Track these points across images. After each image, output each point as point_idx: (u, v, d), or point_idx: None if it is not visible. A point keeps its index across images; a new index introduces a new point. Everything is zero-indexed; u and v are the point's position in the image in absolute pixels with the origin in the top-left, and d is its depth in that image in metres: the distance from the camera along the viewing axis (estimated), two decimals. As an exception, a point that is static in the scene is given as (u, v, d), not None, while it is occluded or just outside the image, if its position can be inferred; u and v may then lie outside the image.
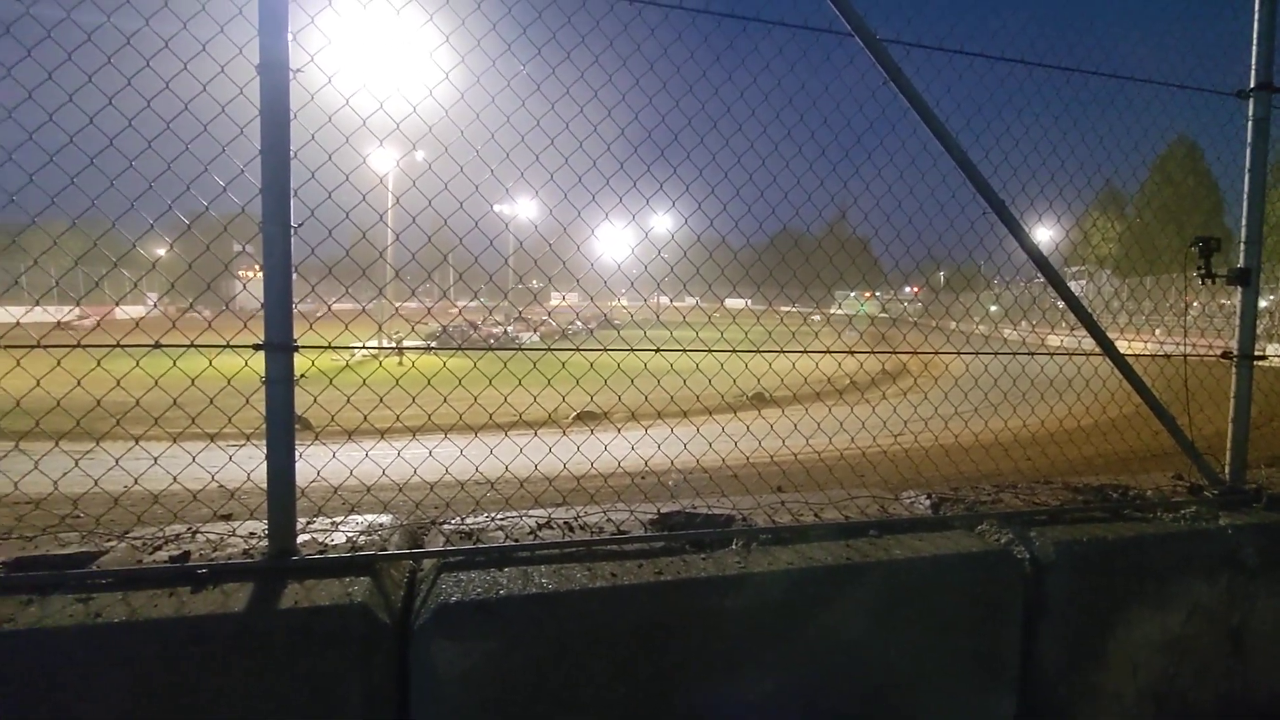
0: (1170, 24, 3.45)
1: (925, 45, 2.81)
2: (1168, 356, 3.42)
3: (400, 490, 2.28)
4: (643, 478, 3.51)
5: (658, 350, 2.94)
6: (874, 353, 3.87)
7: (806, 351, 3.24)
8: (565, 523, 2.35)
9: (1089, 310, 2.95)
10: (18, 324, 2.41)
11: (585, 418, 8.72)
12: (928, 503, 2.87)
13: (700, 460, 4.02)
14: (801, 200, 3.37)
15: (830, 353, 3.37)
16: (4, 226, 2.61)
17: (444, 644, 1.95)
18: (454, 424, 2.66)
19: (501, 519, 2.33)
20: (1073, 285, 3.32)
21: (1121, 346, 2.99)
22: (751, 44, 3.04)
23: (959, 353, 3.45)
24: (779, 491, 3.00)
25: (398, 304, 3.56)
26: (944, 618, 2.44)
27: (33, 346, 1.84)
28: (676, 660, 2.16)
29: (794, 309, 4.30)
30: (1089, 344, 2.99)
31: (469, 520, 2.32)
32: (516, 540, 2.23)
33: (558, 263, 4.14)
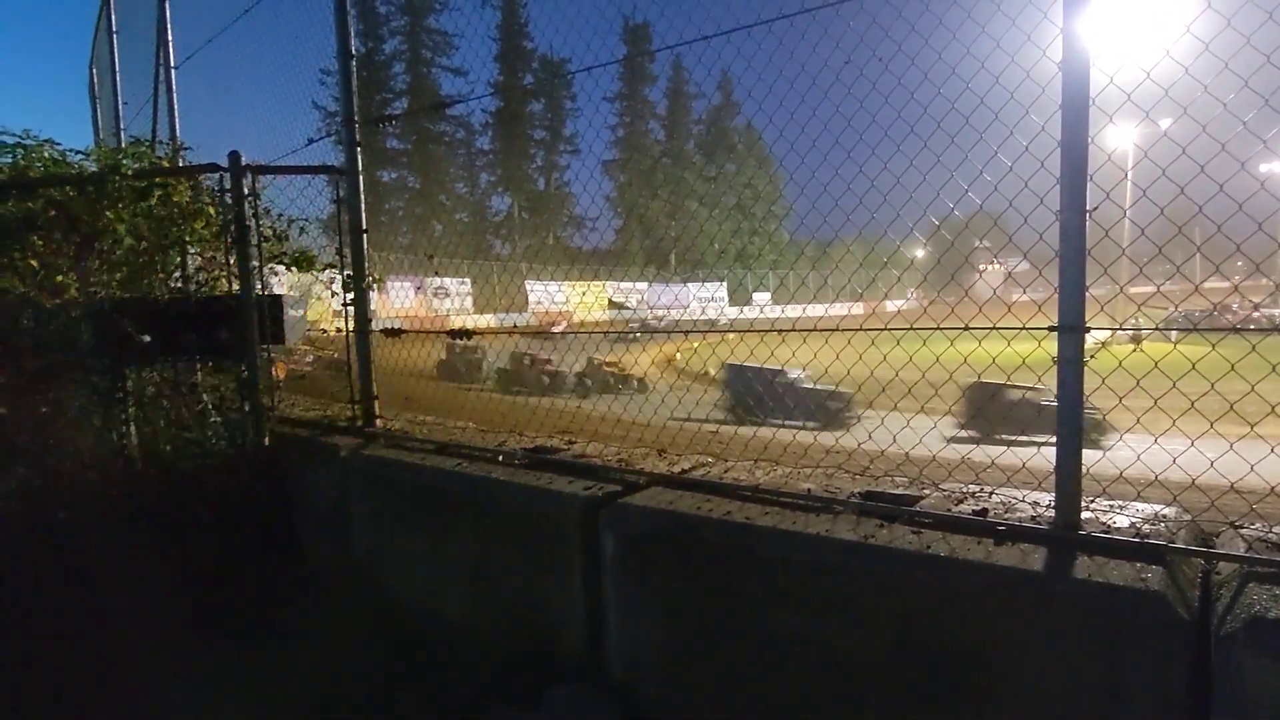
0: None
1: None
2: None
3: (1193, 484, 2.14)
4: None
5: None
6: None
7: None
8: None
9: None
10: (825, 314, 3.19)
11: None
12: None
13: None
14: None
15: None
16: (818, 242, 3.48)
17: (1258, 660, 1.78)
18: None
19: (1329, 537, 1.97)
20: None
21: None
22: None
23: None
24: None
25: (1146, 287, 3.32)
26: None
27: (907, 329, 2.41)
28: None
29: None
30: None
31: (1277, 529, 2.03)
32: (1353, 566, 1.86)
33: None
